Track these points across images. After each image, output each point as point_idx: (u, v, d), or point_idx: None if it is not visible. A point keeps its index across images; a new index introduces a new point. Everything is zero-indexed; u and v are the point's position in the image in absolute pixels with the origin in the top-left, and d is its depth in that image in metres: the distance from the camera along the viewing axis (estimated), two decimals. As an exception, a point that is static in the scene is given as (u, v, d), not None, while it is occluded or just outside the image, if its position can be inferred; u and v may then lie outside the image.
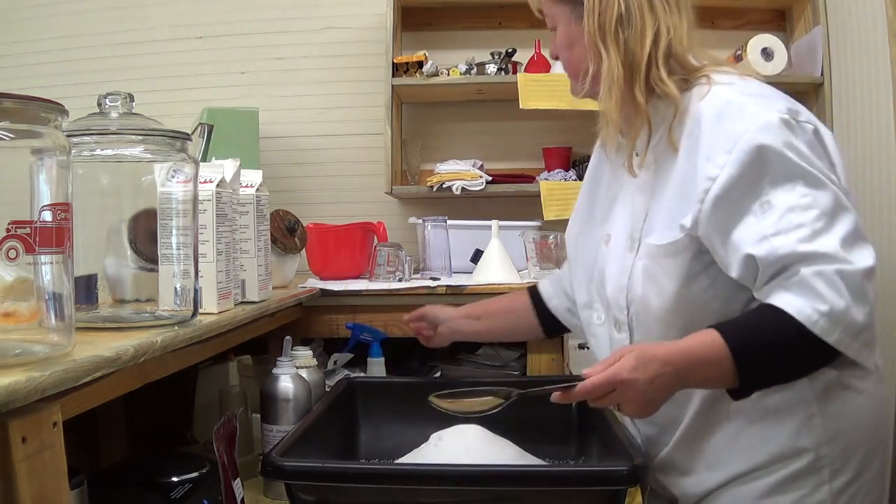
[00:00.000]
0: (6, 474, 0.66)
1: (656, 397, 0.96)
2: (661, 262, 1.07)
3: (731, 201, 1.00)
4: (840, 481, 1.04)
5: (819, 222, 0.96)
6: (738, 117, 1.02)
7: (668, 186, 1.09)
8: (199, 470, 1.27)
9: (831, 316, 0.93)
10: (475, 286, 1.87)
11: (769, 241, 0.97)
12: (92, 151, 1.01)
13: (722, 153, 1.01)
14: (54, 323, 0.78)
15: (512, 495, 1.03)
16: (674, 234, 1.06)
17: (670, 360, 0.95)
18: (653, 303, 1.09)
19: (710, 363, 0.96)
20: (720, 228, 1.01)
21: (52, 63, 2.60)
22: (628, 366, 0.94)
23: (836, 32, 2.25)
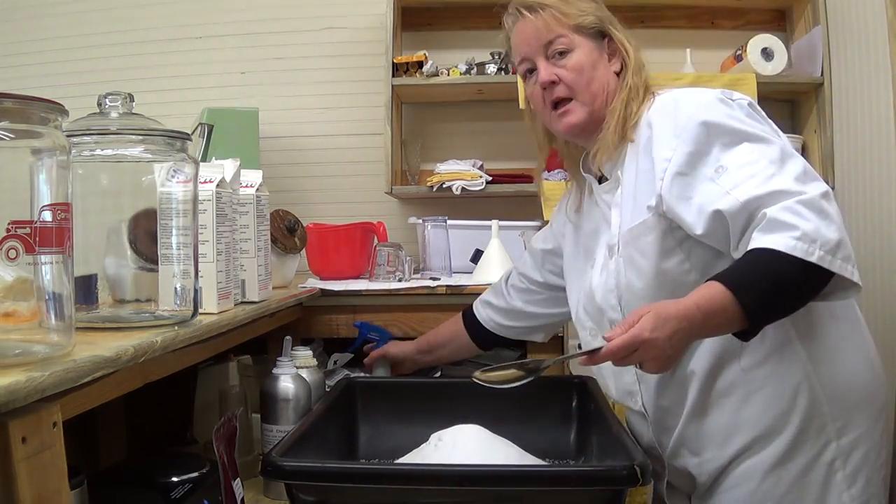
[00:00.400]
0: (6, 474, 0.66)
1: (675, 353, 1.02)
2: (637, 245, 1.18)
3: (687, 173, 1.11)
4: (847, 439, 1.13)
5: (770, 169, 1.06)
6: (677, 107, 1.16)
7: (629, 187, 1.22)
8: (199, 470, 1.27)
9: (805, 238, 1.00)
10: (475, 286, 1.87)
11: (730, 194, 1.07)
12: (92, 151, 1.01)
13: (671, 137, 1.13)
14: (54, 323, 0.78)
15: (512, 495, 1.03)
16: (641, 215, 1.18)
17: (684, 316, 1.00)
18: (636, 284, 1.19)
19: (718, 310, 1.01)
20: (682, 196, 1.12)
21: (52, 63, 2.60)
22: (648, 326, 0.99)
23: (836, 32, 2.25)
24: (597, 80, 1.26)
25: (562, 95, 1.27)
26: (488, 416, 1.32)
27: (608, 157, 1.25)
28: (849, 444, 1.13)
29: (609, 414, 1.28)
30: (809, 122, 2.38)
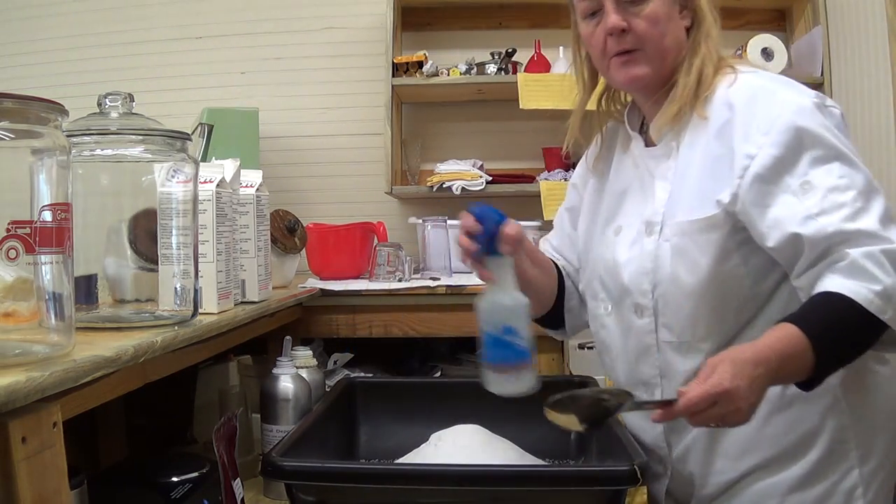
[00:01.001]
0: (6, 474, 0.66)
1: (757, 401, 0.93)
2: (696, 239, 1.09)
3: (770, 179, 1.03)
4: (869, 466, 1.08)
5: (858, 202, 1.00)
6: (771, 101, 1.06)
7: (692, 168, 1.12)
8: (199, 470, 1.27)
9: (883, 295, 0.95)
10: (475, 286, 1.87)
11: (815, 220, 1.00)
12: (92, 151, 1.02)
13: (759, 134, 1.04)
14: (54, 323, 0.78)
15: (512, 495, 1.03)
16: (708, 209, 1.08)
17: (761, 360, 0.93)
18: (685, 280, 1.10)
19: (793, 356, 0.95)
20: (759, 203, 1.04)
21: (52, 63, 2.60)
22: (727, 375, 0.90)
23: (836, 32, 2.25)
24: (670, 34, 1.13)
25: (629, 47, 1.13)
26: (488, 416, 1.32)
27: (669, 124, 1.14)
28: (871, 471, 1.08)
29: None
30: (809, 122, 2.38)
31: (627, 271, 1.17)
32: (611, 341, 1.24)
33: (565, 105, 2.20)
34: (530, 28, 2.55)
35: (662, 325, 1.14)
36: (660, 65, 1.14)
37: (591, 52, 1.20)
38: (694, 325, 1.10)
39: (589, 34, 1.17)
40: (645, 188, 1.19)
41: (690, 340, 1.11)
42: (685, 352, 1.12)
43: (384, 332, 1.87)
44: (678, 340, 1.13)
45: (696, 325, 1.10)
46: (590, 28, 1.16)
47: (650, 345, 1.16)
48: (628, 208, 1.22)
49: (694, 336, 1.11)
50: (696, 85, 1.11)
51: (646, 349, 1.17)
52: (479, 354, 1.05)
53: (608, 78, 1.20)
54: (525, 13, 2.57)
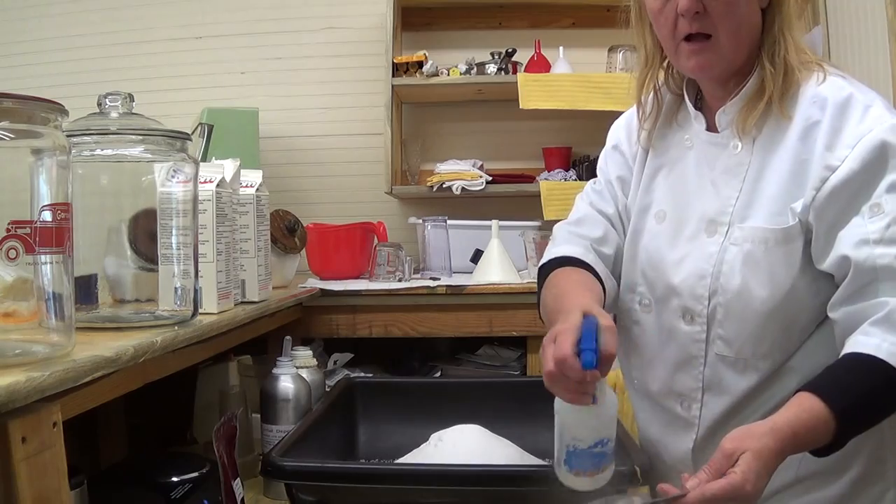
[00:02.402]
0: (6, 474, 0.66)
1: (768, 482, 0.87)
2: (773, 250, 1.00)
3: (844, 196, 0.96)
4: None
5: None
6: (864, 114, 0.97)
7: (771, 170, 1.02)
8: (199, 470, 1.27)
9: None
10: (475, 286, 1.87)
11: (871, 247, 0.93)
12: (92, 151, 1.02)
13: (844, 147, 0.96)
14: (54, 323, 0.78)
15: (512, 495, 1.03)
16: (785, 218, 0.99)
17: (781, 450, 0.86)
18: (756, 293, 1.00)
19: (815, 431, 0.88)
20: (827, 221, 0.97)
21: (52, 63, 2.60)
22: (752, 476, 0.82)
23: (836, 32, 2.25)
24: (746, 22, 1.00)
25: (702, 31, 1.00)
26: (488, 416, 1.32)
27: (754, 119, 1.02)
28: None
29: (609, 414, 1.28)
30: (809, 122, 2.38)
31: (680, 270, 1.06)
32: (644, 341, 1.13)
33: (565, 105, 2.24)
34: (530, 28, 2.55)
35: (718, 337, 1.03)
36: (734, 53, 1.01)
37: (657, 29, 1.06)
38: (758, 342, 1.01)
39: (657, 10, 1.03)
40: (703, 178, 1.07)
41: (750, 358, 1.02)
42: (741, 369, 1.03)
43: (384, 332, 1.87)
44: (735, 356, 1.02)
45: (761, 342, 1.01)
46: (658, 3, 1.02)
47: (696, 355, 1.06)
48: (678, 196, 1.10)
49: (755, 353, 1.01)
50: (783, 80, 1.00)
51: (689, 359, 1.06)
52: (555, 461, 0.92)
53: (675, 62, 1.07)
54: (525, 13, 2.57)
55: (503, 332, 1.86)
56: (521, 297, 1.84)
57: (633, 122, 1.20)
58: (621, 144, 1.22)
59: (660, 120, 1.15)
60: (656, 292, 1.10)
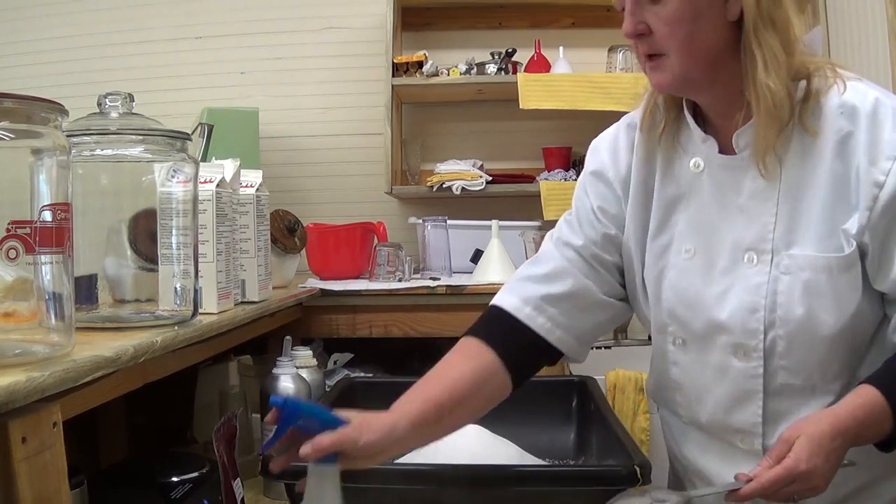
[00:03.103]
0: (6, 474, 0.66)
1: (832, 473, 0.88)
2: (838, 278, 0.94)
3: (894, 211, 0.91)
4: None
5: None
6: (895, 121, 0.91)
7: (809, 189, 0.95)
8: (199, 470, 1.27)
9: None
10: (475, 286, 1.87)
11: None
12: (92, 151, 1.02)
13: (884, 158, 0.90)
14: (54, 323, 0.78)
15: (512, 495, 1.03)
16: (840, 243, 0.93)
17: (839, 432, 0.87)
18: (824, 321, 0.95)
19: (872, 424, 0.89)
20: (880, 238, 0.92)
21: (52, 63, 2.60)
22: (804, 455, 0.84)
23: (836, 32, 2.25)
24: (698, 38, 0.93)
25: (652, 52, 0.96)
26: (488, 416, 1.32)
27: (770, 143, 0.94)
28: None
29: (609, 414, 1.28)
30: (809, 122, 2.38)
31: (725, 306, 0.99)
32: (688, 381, 1.07)
33: (565, 105, 2.24)
34: (530, 28, 2.55)
35: (781, 368, 0.98)
36: (690, 70, 0.95)
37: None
38: (828, 365, 0.97)
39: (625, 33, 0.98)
40: (729, 206, 1.00)
41: (819, 382, 0.98)
42: (810, 394, 0.99)
43: (384, 332, 1.87)
44: (803, 384, 0.98)
45: (830, 365, 0.97)
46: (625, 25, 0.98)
47: (753, 391, 1.00)
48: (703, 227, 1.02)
49: (824, 377, 0.98)
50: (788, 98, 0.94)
51: (746, 395, 1.00)
52: None
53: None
54: (525, 13, 2.57)
55: (503, 332, 1.86)
56: (521, 297, 1.84)
57: (619, 143, 1.10)
58: (605, 170, 1.10)
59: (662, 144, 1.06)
60: (694, 331, 1.03)
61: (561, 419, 1.44)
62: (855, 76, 0.97)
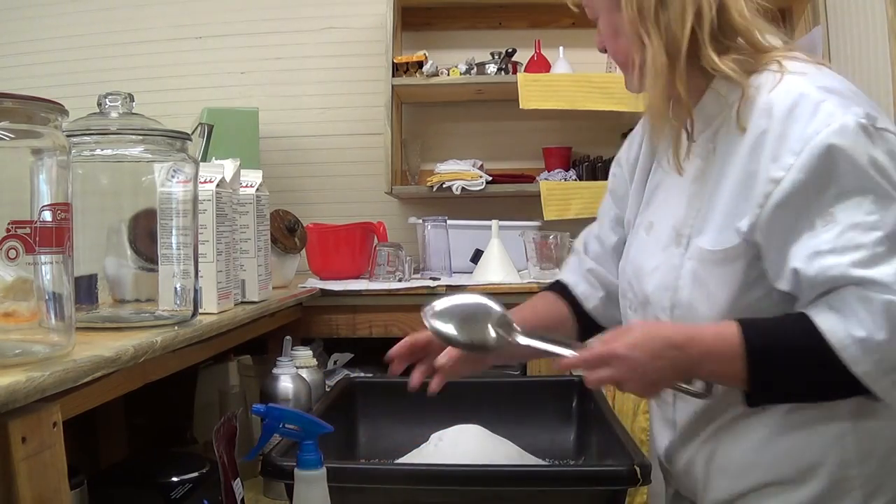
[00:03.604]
0: (6, 474, 0.66)
1: (659, 379, 0.91)
2: (714, 271, 0.97)
3: (792, 210, 0.90)
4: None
5: (881, 247, 0.86)
6: (812, 115, 0.90)
7: (727, 180, 0.97)
8: (199, 470, 1.27)
9: (864, 345, 0.84)
10: (475, 286, 1.87)
11: (822, 258, 0.87)
12: (92, 151, 1.02)
13: (789, 154, 0.90)
14: (54, 323, 0.78)
15: (512, 495, 1.03)
16: (730, 238, 0.95)
17: (679, 344, 0.89)
18: (700, 311, 0.98)
19: (721, 358, 0.90)
20: (777, 238, 0.92)
21: (52, 63, 2.60)
22: (628, 342, 0.89)
23: (836, 32, 2.25)
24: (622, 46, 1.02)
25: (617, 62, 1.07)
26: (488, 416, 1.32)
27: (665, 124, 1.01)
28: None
29: (609, 414, 1.28)
30: (809, 122, 2.38)
31: (652, 281, 1.06)
32: None
33: (565, 105, 2.24)
34: (530, 28, 2.55)
35: None
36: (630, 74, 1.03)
37: None
38: None
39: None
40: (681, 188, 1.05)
41: None
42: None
43: (384, 332, 1.87)
44: None
45: None
46: None
47: None
48: (660, 203, 1.11)
49: None
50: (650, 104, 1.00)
51: None
52: None
53: None
54: (525, 13, 2.57)
55: (503, 332, 1.86)
56: (521, 297, 1.82)
57: (638, 130, 1.21)
58: (622, 155, 1.24)
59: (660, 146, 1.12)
60: (638, 300, 1.10)
61: (561, 419, 1.44)
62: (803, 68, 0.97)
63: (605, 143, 2.45)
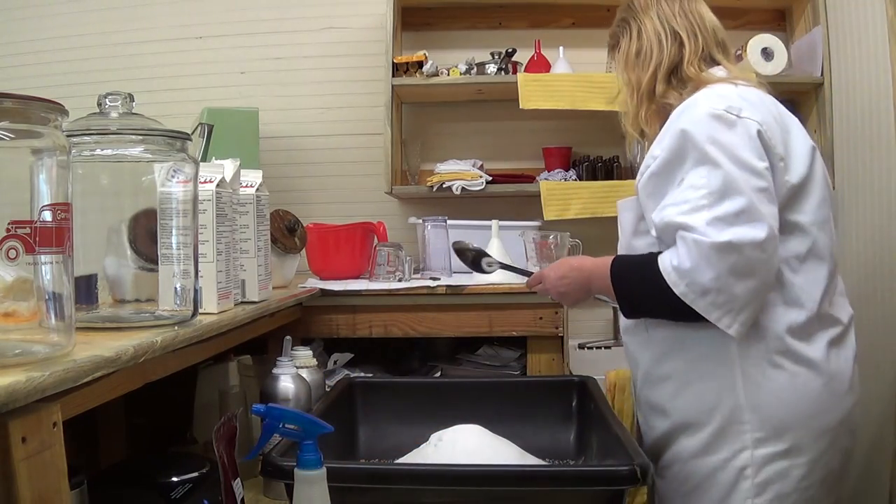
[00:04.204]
0: (6, 474, 0.66)
1: (567, 291, 1.40)
2: (622, 216, 1.39)
3: (661, 178, 1.23)
4: (764, 451, 1.19)
5: (703, 200, 1.16)
6: (684, 111, 1.24)
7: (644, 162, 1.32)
8: (199, 470, 1.27)
9: (678, 271, 1.16)
10: (475, 286, 1.87)
11: (664, 210, 1.20)
12: (92, 151, 1.01)
13: (666, 138, 1.23)
14: (54, 323, 0.78)
15: (512, 495, 1.03)
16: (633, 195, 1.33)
17: (577, 267, 1.38)
18: (619, 247, 1.42)
19: (601, 277, 1.31)
20: (650, 199, 1.26)
21: (52, 63, 2.60)
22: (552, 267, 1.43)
23: (836, 32, 2.25)
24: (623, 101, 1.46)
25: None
26: (488, 416, 1.32)
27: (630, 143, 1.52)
28: (764, 456, 1.19)
29: (609, 414, 1.28)
30: (809, 121, 2.38)
31: None
32: None
33: (565, 105, 2.24)
34: (530, 28, 2.55)
35: None
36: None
37: None
38: None
39: None
40: None
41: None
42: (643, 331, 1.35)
43: (384, 332, 1.87)
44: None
45: None
46: None
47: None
48: None
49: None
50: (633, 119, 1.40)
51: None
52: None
53: None
54: (525, 13, 2.58)
55: (503, 332, 1.86)
56: (521, 297, 1.84)
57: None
58: None
59: None
60: None
61: (561, 419, 1.45)
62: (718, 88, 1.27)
63: (605, 143, 2.45)
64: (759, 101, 1.25)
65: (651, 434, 1.34)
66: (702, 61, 1.34)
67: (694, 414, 1.24)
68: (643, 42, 1.36)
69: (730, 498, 1.20)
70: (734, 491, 1.20)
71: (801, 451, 1.19)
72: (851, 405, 1.24)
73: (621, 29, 1.41)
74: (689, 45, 1.33)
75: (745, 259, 1.12)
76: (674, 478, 1.28)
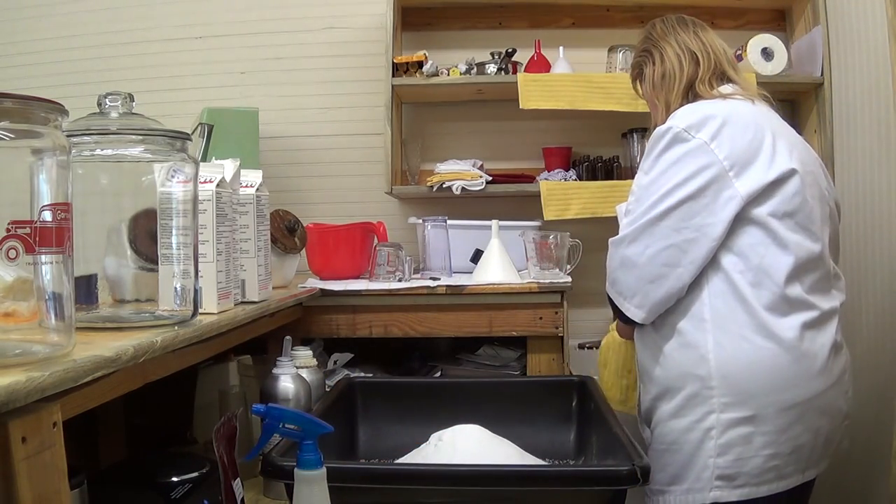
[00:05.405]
0: (6, 474, 0.66)
1: None
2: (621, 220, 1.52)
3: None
4: (728, 416, 1.31)
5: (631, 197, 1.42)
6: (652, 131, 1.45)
7: None
8: (199, 470, 1.27)
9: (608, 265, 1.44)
10: (475, 286, 1.87)
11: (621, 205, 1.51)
12: (92, 151, 1.01)
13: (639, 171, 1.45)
14: (54, 323, 0.78)
15: (512, 495, 1.03)
16: None
17: None
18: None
19: None
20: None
21: (52, 63, 2.60)
22: None
23: (836, 32, 2.25)
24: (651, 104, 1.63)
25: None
26: (488, 416, 1.32)
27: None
28: (729, 421, 1.30)
29: (609, 414, 1.28)
30: (809, 122, 2.38)
31: None
32: None
33: (565, 105, 2.24)
34: (530, 28, 2.55)
35: None
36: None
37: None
38: None
39: None
40: None
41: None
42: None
43: (384, 332, 1.87)
44: None
45: None
46: None
47: None
48: None
49: None
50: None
51: None
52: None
53: None
54: (525, 13, 2.57)
55: (503, 332, 1.86)
56: (521, 296, 1.84)
57: None
58: None
59: None
60: None
61: (561, 419, 1.45)
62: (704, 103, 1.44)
63: (605, 143, 2.44)
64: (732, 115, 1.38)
65: (645, 398, 1.46)
66: (714, 78, 1.50)
67: (672, 380, 1.37)
68: (666, 65, 1.53)
69: (696, 455, 1.33)
70: (700, 449, 1.32)
71: (764, 421, 1.29)
72: (824, 388, 1.32)
73: (644, 58, 1.58)
74: (703, 63, 1.51)
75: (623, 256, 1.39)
76: (656, 438, 1.41)
